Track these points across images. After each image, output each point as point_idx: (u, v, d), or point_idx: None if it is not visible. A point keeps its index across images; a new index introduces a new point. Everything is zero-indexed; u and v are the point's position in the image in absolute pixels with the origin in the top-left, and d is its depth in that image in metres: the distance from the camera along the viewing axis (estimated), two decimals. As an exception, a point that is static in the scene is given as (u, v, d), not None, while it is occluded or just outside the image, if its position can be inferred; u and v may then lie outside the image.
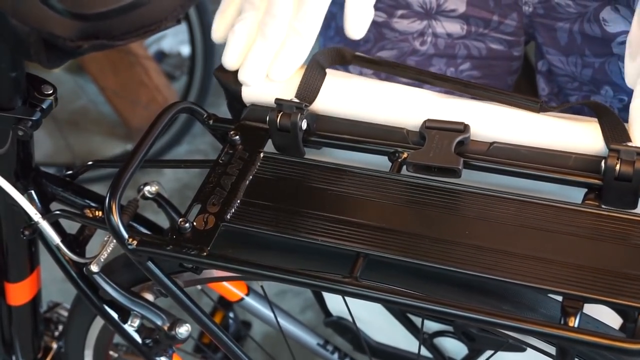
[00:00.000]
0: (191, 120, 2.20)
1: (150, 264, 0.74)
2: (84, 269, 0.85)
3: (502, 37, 1.00)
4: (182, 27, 2.18)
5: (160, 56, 2.56)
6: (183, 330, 0.87)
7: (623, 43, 0.89)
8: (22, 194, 0.89)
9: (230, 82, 0.79)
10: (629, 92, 0.92)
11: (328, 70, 0.79)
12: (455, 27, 0.99)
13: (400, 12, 1.00)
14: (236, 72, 0.78)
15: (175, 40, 2.58)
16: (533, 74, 1.07)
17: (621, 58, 0.92)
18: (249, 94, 0.79)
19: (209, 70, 2.15)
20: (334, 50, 0.80)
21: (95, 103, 2.46)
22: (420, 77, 0.78)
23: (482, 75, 1.04)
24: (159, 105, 2.21)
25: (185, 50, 2.53)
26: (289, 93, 0.77)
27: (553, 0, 0.94)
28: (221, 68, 0.80)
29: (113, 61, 2.24)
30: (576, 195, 0.71)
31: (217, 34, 0.81)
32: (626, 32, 0.88)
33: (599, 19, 0.91)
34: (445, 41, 1.00)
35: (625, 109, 0.73)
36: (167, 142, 2.22)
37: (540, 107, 0.73)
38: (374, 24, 1.01)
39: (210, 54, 2.14)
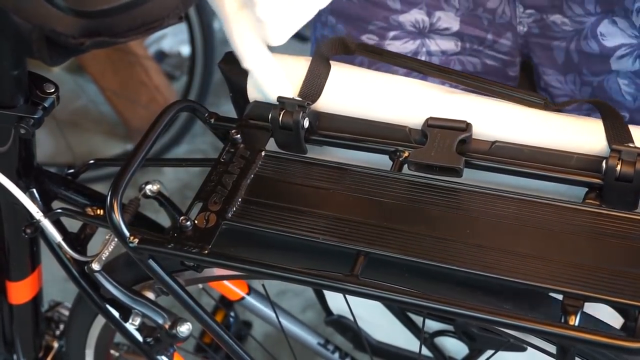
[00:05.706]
0: (191, 121, 2.20)
1: (151, 262, 0.74)
2: (86, 267, 0.85)
3: (497, 55, 0.98)
4: (182, 27, 2.18)
5: (160, 56, 2.56)
6: (184, 329, 0.87)
7: (622, 57, 0.89)
8: (24, 193, 0.89)
9: (234, 75, 0.79)
10: (630, 109, 0.92)
11: (332, 63, 0.79)
12: (449, 44, 0.97)
13: (392, 33, 0.97)
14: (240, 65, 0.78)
15: (175, 40, 2.57)
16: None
17: (620, 74, 0.91)
18: (253, 89, 0.78)
19: (209, 70, 2.15)
20: (337, 40, 0.80)
21: (95, 103, 2.46)
22: (423, 69, 0.78)
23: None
24: (159, 105, 2.20)
25: (185, 50, 2.53)
26: (293, 87, 0.77)
27: (548, 19, 0.92)
28: (225, 60, 0.80)
29: (113, 61, 2.23)
30: (577, 194, 0.71)
31: None
32: (625, 45, 0.88)
33: (596, 34, 0.89)
34: (440, 58, 0.98)
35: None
36: (167, 142, 2.22)
37: (545, 104, 0.73)
38: None
39: (210, 54, 2.13)
